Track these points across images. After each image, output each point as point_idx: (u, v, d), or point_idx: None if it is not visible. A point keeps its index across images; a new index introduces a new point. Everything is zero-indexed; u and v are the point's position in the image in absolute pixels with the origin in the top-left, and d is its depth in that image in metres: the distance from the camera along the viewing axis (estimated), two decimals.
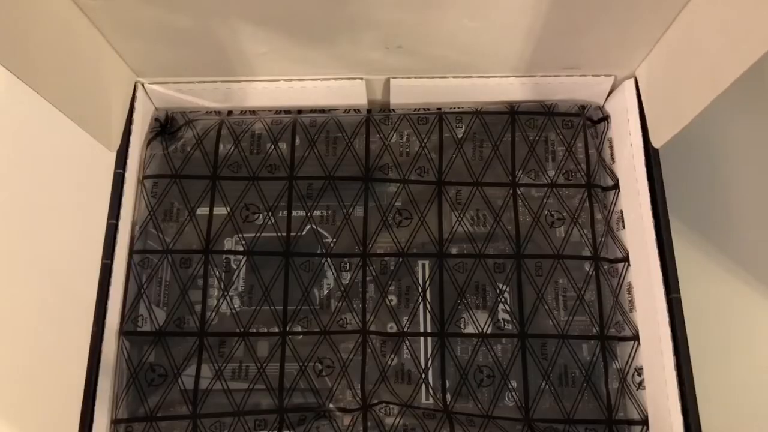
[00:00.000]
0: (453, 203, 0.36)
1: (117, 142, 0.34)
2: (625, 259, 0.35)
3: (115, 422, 0.32)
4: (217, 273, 0.35)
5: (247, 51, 0.34)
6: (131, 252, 0.34)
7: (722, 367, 0.37)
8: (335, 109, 0.38)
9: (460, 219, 0.36)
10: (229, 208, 0.36)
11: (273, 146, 0.37)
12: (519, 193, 0.36)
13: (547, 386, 0.33)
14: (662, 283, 0.32)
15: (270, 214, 0.36)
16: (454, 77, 0.36)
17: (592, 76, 0.36)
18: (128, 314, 0.33)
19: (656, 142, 0.33)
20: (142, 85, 0.36)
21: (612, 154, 0.37)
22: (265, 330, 0.34)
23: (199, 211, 0.36)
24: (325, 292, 0.35)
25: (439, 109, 0.38)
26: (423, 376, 0.33)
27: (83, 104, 0.32)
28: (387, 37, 0.33)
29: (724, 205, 0.40)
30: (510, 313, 0.34)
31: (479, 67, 0.36)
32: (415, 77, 0.36)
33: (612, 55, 0.35)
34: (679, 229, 0.36)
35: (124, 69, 0.35)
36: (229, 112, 0.38)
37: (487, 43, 0.34)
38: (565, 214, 0.36)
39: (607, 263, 0.35)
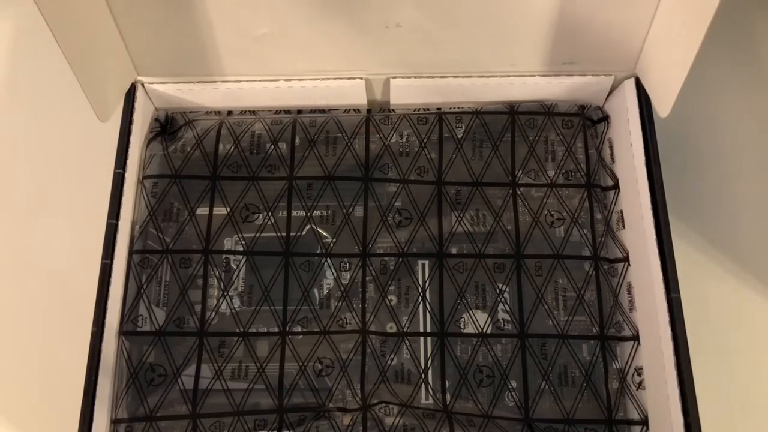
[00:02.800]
0: (453, 203, 0.36)
1: (109, 115, 0.34)
2: (625, 259, 0.35)
3: (114, 422, 0.32)
4: (217, 273, 0.35)
5: (247, 31, 0.34)
6: (131, 252, 0.34)
7: (722, 367, 0.37)
8: (335, 109, 0.38)
9: (459, 219, 0.36)
10: (228, 208, 0.36)
11: (273, 146, 0.37)
12: (519, 193, 0.36)
13: (546, 386, 0.33)
14: (662, 283, 0.32)
15: (270, 214, 0.36)
16: (454, 77, 0.36)
17: (592, 75, 0.36)
18: (128, 314, 0.33)
19: (662, 112, 0.33)
20: (142, 85, 0.36)
21: (612, 154, 0.37)
22: (265, 330, 0.34)
23: (198, 211, 0.36)
24: (325, 292, 0.35)
25: (439, 109, 0.38)
26: (423, 376, 0.33)
27: (88, 69, 0.32)
28: (387, 15, 0.33)
29: (724, 205, 0.40)
30: (510, 313, 0.34)
31: (477, 60, 0.36)
32: (415, 77, 0.36)
33: (609, 47, 0.35)
34: (679, 229, 0.36)
35: (122, 47, 0.35)
36: (229, 112, 0.38)
37: (483, 26, 0.34)
38: (564, 214, 0.36)
39: (606, 263, 0.35)
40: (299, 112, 0.38)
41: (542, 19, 0.34)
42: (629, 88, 0.35)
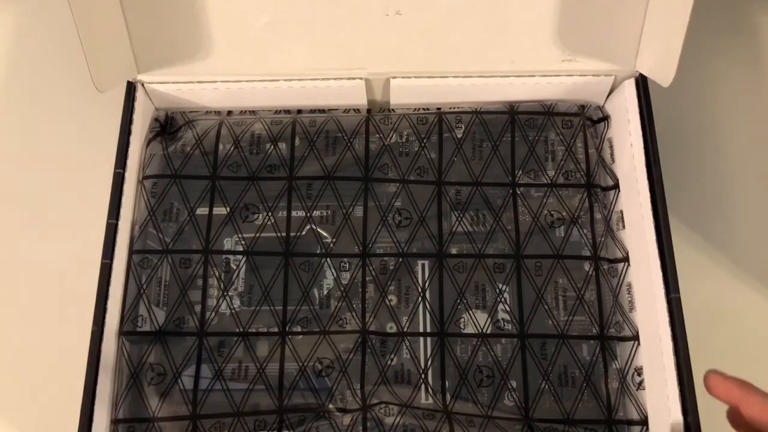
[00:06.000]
0: (453, 203, 0.36)
1: (107, 88, 0.35)
2: (625, 259, 0.35)
3: (115, 422, 0.32)
4: (217, 273, 0.35)
5: (249, 22, 0.34)
6: (131, 252, 0.34)
7: (722, 367, 0.36)
8: (335, 109, 0.38)
9: (459, 219, 0.36)
10: (228, 208, 0.36)
11: (273, 146, 0.37)
12: (519, 193, 0.36)
13: (546, 386, 0.33)
14: (662, 283, 0.32)
15: (269, 214, 0.36)
16: (454, 77, 0.36)
17: (592, 75, 0.36)
18: (128, 314, 0.33)
19: (665, 82, 0.33)
20: (142, 84, 0.36)
21: (612, 154, 0.37)
22: (265, 330, 0.34)
23: (198, 211, 0.36)
24: (325, 292, 0.35)
25: (438, 109, 0.38)
26: (422, 376, 0.33)
27: (96, 42, 0.33)
28: (387, 2, 0.34)
29: (724, 205, 0.40)
30: (510, 313, 0.34)
31: (474, 53, 0.36)
32: (415, 77, 0.36)
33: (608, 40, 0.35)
34: (679, 229, 0.36)
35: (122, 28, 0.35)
36: (229, 112, 0.38)
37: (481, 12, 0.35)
38: (564, 214, 0.36)
39: (606, 263, 0.35)
40: (299, 112, 0.38)
41: (542, 18, 0.34)
42: (629, 88, 0.35)
